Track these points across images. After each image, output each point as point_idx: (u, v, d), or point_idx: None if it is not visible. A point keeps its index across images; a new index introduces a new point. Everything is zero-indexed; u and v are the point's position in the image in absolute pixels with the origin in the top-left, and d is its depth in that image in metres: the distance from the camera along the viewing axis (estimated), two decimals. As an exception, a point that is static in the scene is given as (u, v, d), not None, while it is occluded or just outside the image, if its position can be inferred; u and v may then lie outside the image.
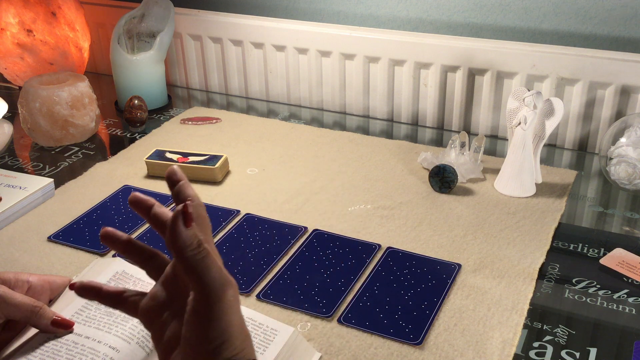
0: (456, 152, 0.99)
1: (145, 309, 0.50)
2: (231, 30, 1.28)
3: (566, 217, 0.90)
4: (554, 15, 1.07)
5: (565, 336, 0.68)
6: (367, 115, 1.23)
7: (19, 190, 0.92)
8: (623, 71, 1.01)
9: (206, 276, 0.43)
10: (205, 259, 0.44)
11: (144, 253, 0.52)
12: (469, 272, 0.77)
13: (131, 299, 0.51)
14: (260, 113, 1.26)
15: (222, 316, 0.44)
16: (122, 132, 1.18)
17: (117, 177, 1.00)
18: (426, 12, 1.16)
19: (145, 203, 0.51)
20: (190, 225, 0.44)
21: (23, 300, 0.60)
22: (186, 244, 0.43)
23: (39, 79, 1.11)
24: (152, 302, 0.49)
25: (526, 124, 0.90)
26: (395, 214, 0.89)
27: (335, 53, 1.20)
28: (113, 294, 0.51)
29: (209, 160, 0.99)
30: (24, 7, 1.21)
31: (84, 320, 0.62)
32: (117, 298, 0.51)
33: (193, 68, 1.36)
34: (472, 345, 0.66)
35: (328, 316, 0.70)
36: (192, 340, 0.44)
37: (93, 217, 0.90)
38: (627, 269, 0.78)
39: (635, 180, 0.91)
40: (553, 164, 1.05)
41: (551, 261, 0.80)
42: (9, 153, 1.10)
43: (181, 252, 0.43)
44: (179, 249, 0.43)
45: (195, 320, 0.44)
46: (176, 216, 0.44)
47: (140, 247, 0.52)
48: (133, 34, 1.27)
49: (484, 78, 1.11)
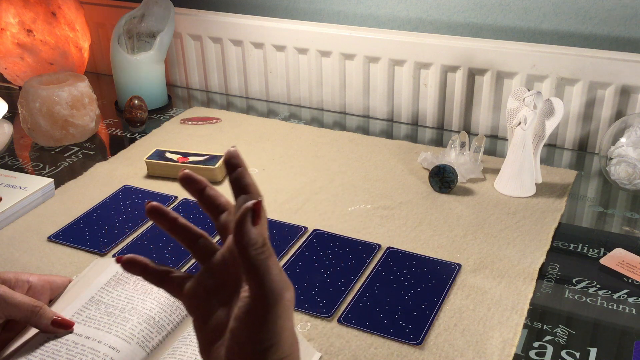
0: (456, 152, 0.99)
1: (190, 293, 0.48)
2: (231, 30, 1.28)
3: (566, 217, 0.90)
4: (554, 15, 1.07)
5: (565, 336, 0.68)
6: (367, 115, 1.23)
7: (19, 190, 0.92)
8: (623, 71, 1.01)
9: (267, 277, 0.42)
10: (268, 259, 0.43)
11: (189, 233, 0.50)
12: (469, 272, 0.77)
13: (176, 279, 0.49)
14: (260, 113, 1.26)
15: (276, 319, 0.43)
16: (122, 132, 1.18)
17: (117, 177, 1.00)
18: (426, 12, 1.16)
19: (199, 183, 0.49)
20: (258, 223, 0.42)
21: (23, 300, 0.60)
22: (251, 242, 0.42)
23: (39, 79, 1.11)
24: (199, 287, 0.48)
25: (526, 124, 0.90)
26: (395, 214, 0.89)
27: (335, 53, 1.20)
28: (159, 271, 0.49)
29: (209, 160, 0.99)
30: (24, 7, 1.21)
31: (84, 320, 0.62)
32: (162, 276, 0.49)
33: (193, 68, 1.36)
34: (472, 345, 0.66)
35: (328, 316, 0.70)
36: (241, 338, 0.43)
37: (93, 217, 0.90)
38: (627, 269, 0.78)
39: (635, 180, 0.91)
40: (553, 164, 1.05)
41: (551, 261, 0.80)
42: (9, 153, 1.10)
43: (246, 250, 0.42)
44: (244, 247, 0.42)
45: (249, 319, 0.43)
46: (245, 213, 0.42)
47: (186, 227, 0.50)
48: (133, 34, 1.27)
49: (484, 78, 1.11)
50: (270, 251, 0.43)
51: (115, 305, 0.64)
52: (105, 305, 0.64)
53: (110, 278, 0.67)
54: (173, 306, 0.66)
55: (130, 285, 0.67)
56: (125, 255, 0.49)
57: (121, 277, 0.68)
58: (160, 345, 0.62)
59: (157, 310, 0.64)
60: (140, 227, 0.87)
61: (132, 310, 0.64)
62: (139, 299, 0.65)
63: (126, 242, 0.84)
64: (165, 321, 0.64)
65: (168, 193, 0.95)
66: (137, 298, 0.65)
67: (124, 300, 0.65)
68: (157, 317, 0.64)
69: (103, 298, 0.65)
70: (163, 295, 0.66)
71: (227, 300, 0.47)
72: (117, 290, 0.66)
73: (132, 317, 0.63)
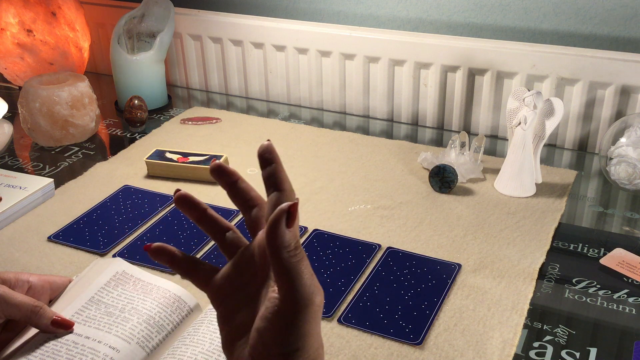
0: (456, 152, 0.99)
1: (216, 287, 0.48)
2: (231, 30, 1.28)
3: (566, 217, 0.90)
4: (554, 15, 1.07)
5: (565, 336, 0.68)
6: (367, 115, 1.23)
7: (19, 190, 0.92)
8: (623, 71, 1.01)
9: (298, 281, 0.42)
10: (300, 262, 0.42)
11: (218, 225, 0.49)
12: (469, 272, 0.77)
13: (203, 271, 0.49)
14: (260, 113, 1.26)
15: (304, 323, 0.42)
16: (122, 132, 1.18)
17: (117, 177, 1.00)
18: (426, 12, 1.16)
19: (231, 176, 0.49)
20: (292, 226, 0.42)
21: (23, 300, 0.60)
22: (284, 244, 0.41)
23: (39, 79, 1.11)
24: (225, 283, 0.47)
25: (526, 124, 0.90)
26: (395, 214, 0.89)
27: (335, 53, 1.20)
28: (187, 262, 0.49)
29: (209, 160, 0.99)
30: (24, 7, 1.21)
31: (84, 320, 0.62)
32: (189, 267, 0.49)
33: (193, 68, 1.36)
34: (472, 345, 0.66)
35: (328, 316, 0.70)
36: (266, 339, 0.43)
37: (93, 217, 0.90)
38: (627, 269, 0.78)
39: (635, 180, 0.91)
40: (553, 164, 1.05)
41: (551, 261, 0.80)
42: (9, 153, 1.10)
43: (278, 252, 0.42)
44: (277, 249, 0.41)
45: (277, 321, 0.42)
46: (280, 214, 0.42)
47: (215, 218, 0.50)
48: (133, 34, 1.27)
49: (484, 78, 1.11)
50: (302, 254, 0.43)
51: (115, 305, 0.64)
52: (105, 305, 0.64)
53: (110, 278, 0.67)
54: (173, 306, 0.66)
55: (130, 285, 0.67)
56: (154, 244, 0.49)
57: (121, 277, 0.68)
58: (160, 345, 0.62)
59: (157, 310, 0.64)
60: (140, 227, 0.87)
61: (132, 310, 0.64)
62: (139, 299, 0.65)
63: (126, 242, 0.84)
64: (165, 321, 0.64)
65: (168, 193, 0.95)
66: (137, 298, 0.65)
67: (124, 300, 0.65)
68: (157, 317, 0.64)
69: (103, 298, 0.65)
70: (163, 295, 0.66)
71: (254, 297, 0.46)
72: (117, 290, 0.66)
73: (132, 317, 0.63)
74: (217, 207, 0.91)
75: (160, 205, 0.92)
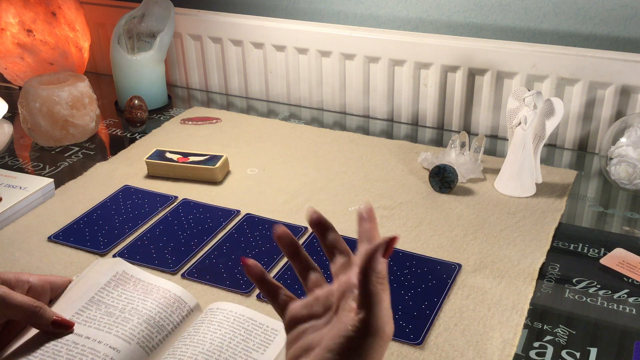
0: (456, 152, 0.99)
1: (294, 314, 0.52)
2: (231, 30, 1.28)
3: (566, 217, 0.90)
4: (554, 15, 1.07)
5: (565, 336, 0.68)
6: (367, 115, 1.23)
7: (19, 190, 0.92)
8: (623, 71, 1.01)
9: (377, 306, 0.45)
10: (383, 292, 0.46)
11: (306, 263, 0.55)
12: (469, 272, 0.77)
13: (284, 298, 0.53)
14: (260, 113, 1.26)
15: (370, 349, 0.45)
16: (122, 132, 1.18)
17: (117, 177, 1.00)
18: (426, 12, 1.16)
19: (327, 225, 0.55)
20: (387, 256, 0.47)
21: (23, 301, 0.60)
22: (377, 270, 0.46)
23: (39, 79, 1.11)
24: (304, 312, 0.51)
25: (526, 124, 0.90)
26: (395, 214, 0.89)
27: (335, 53, 1.20)
28: (273, 285, 0.54)
29: (209, 160, 0.99)
30: (24, 7, 1.21)
31: (84, 321, 0.62)
32: (273, 291, 0.54)
33: (193, 68, 1.36)
34: (472, 345, 0.66)
35: (328, 316, 0.70)
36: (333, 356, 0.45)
37: (93, 217, 0.90)
38: (628, 269, 0.78)
39: (635, 180, 0.91)
40: (553, 164, 1.05)
41: (551, 261, 0.80)
42: (9, 153, 1.10)
43: (369, 275, 0.46)
44: (369, 272, 0.46)
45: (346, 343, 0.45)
46: (382, 243, 0.47)
47: (306, 258, 0.55)
48: (133, 34, 1.27)
49: (484, 78, 1.11)
50: (387, 286, 0.47)
51: (116, 305, 0.64)
52: (105, 305, 0.64)
53: (110, 278, 0.67)
54: (173, 306, 0.66)
55: (130, 285, 0.67)
56: (251, 260, 0.54)
57: (121, 277, 0.68)
58: (160, 345, 0.62)
59: (157, 310, 0.64)
60: (141, 227, 0.87)
61: (132, 310, 0.64)
62: (139, 299, 0.65)
63: (126, 242, 0.84)
64: (165, 321, 0.64)
65: (168, 193, 0.95)
66: (137, 298, 0.65)
67: (124, 301, 0.65)
68: (157, 317, 0.64)
69: (103, 298, 0.65)
70: (163, 295, 0.66)
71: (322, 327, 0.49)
72: (117, 291, 0.66)
73: (132, 317, 0.63)
74: (217, 207, 0.91)
75: (160, 205, 0.92)
